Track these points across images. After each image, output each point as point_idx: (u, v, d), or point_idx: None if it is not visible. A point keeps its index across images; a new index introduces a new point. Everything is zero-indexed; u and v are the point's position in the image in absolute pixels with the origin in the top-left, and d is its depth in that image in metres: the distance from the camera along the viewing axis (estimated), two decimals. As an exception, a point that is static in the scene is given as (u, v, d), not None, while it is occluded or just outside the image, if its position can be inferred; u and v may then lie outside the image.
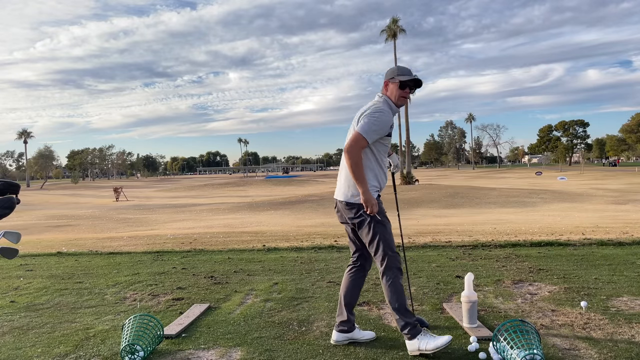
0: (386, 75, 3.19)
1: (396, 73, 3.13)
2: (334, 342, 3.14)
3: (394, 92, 3.12)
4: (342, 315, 3.18)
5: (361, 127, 2.98)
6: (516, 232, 8.87)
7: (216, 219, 18.58)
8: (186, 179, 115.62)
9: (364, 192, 2.98)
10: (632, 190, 29.36)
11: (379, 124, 2.99)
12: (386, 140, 3.11)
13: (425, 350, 2.87)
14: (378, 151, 3.10)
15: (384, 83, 3.19)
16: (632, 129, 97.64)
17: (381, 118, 3.00)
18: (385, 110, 3.05)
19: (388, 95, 3.15)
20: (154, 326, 3.13)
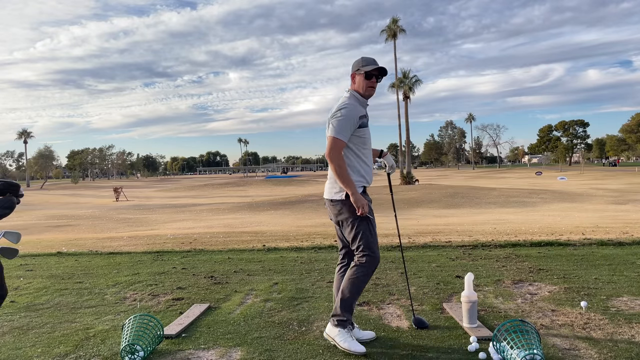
0: (352, 68, 3.21)
1: (361, 64, 3.15)
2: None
3: (361, 84, 3.14)
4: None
5: (332, 130, 3.02)
6: (516, 232, 8.87)
7: (216, 219, 18.58)
8: (186, 179, 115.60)
9: (352, 193, 3.00)
10: (632, 190, 29.36)
11: (346, 120, 3.01)
12: (361, 132, 3.10)
13: (336, 343, 3.00)
14: (356, 145, 3.11)
15: (351, 76, 3.22)
16: (632, 129, 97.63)
17: (347, 114, 3.02)
18: (350, 104, 3.07)
19: (355, 88, 3.17)
20: (154, 326, 3.13)
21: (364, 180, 3.14)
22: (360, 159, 3.13)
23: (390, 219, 16.96)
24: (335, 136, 3.00)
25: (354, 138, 3.09)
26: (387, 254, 6.21)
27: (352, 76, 3.21)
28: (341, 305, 3.08)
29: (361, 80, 3.14)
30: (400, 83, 45.87)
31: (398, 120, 46.57)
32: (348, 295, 3.08)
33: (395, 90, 46.31)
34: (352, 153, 3.11)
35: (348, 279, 3.10)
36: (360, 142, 3.12)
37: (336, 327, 3.06)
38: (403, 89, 46.02)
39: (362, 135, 3.12)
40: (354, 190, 3.01)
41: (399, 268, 5.31)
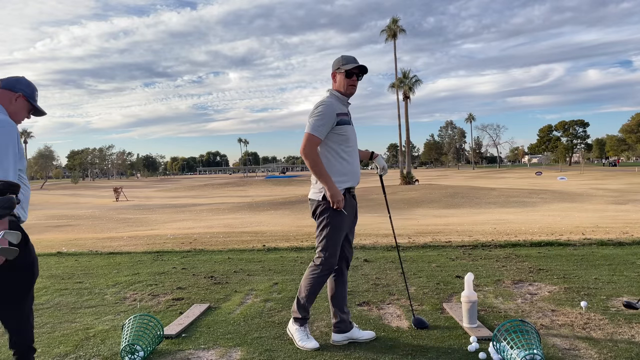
0: (332, 67, 3.21)
1: (341, 63, 3.15)
2: (333, 342, 3.15)
3: (342, 82, 3.14)
4: (335, 317, 3.21)
5: (308, 127, 3.04)
6: (516, 232, 8.87)
7: (216, 219, 18.58)
8: (186, 179, 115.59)
9: (329, 187, 3.00)
10: (632, 190, 29.36)
11: (322, 117, 3.02)
12: (341, 129, 3.09)
13: (294, 340, 3.12)
14: (336, 143, 3.10)
15: (332, 75, 3.22)
16: (632, 129, 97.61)
17: (324, 111, 3.03)
18: (328, 102, 3.08)
19: (336, 87, 3.18)
20: (154, 326, 3.13)
21: (346, 179, 3.12)
22: (341, 157, 3.11)
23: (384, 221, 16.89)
24: (310, 132, 3.01)
25: (333, 136, 3.08)
26: (387, 254, 6.21)
27: (333, 75, 3.20)
28: (296, 302, 3.19)
29: (342, 79, 3.14)
30: (400, 83, 45.87)
31: (398, 120, 46.59)
32: (303, 294, 3.16)
33: (395, 90, 46.30)
34: (333, 151, 3.10)
35: (306, 280, 3.17)
36: (341, 139, 3.11)
37: (294, 324, 3.17)
38: (403, 89, 46.01)
39: (343, 133, 3.10)
40: (331, 184, 3.01)
41: (399, 268, 5.31)
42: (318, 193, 3.09)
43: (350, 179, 3.14)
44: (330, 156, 3.10)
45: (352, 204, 3.19)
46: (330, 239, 3.08)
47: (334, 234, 3.08)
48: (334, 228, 3.07)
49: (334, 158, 3.10)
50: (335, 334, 3.17)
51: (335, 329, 3.18)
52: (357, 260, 5.84)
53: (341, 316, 3.18)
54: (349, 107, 3.26)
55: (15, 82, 2.61)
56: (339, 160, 3.10)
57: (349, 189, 3.15)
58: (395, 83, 45.90)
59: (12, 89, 2.58)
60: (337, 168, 3.09)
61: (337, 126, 3.07)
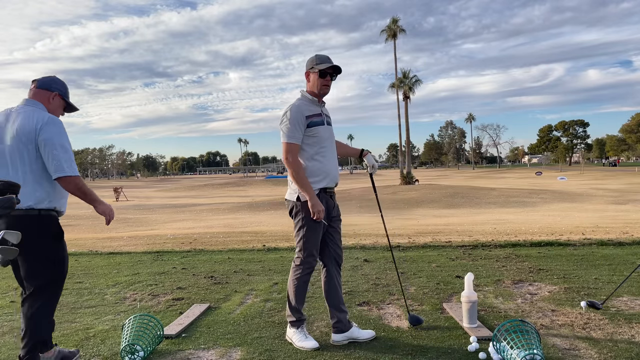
0: (306, 66, 3.20)
1: (315, 62, 3.14)
2: (333, 342, 3.16)
3: (316, 82, 3.14)
4: (332, 317, 3.22)
5: (282, 136, 3.07)
6: (516, 232, 8.87)
7: (216, 219, 18.58)
8: (186, 179, 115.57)
9: (310, 198, 3.02)
10: (632, 190, 29.35)
11: (291, 123, 3.03)
12: (311, 131, 3.09)
13: (293, 343, 3.12)
14: (308, 145, 3.10)
15: (305, 74, 3.21)
16: (632, 129, 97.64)
17: (290, 116, 3.04)
18: (293, 107, 3.08)
19: (310, 87, 3.18)
20: (154, 326, 3.12)
21: (320, 179, 3.13)
22: (314, 158, 3.12)
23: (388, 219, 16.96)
24: (286, 141, 3.04)
25: (305, 138, 3.09)
26: (387, 254, 6.20)
27: (307, 74, 3.19)
28: (288, 306, 3.23)
29: (316, 79, 3.14)
30: (400, 83, 45.87)
31: (398, 120, 46.59)
32: (291, 297, 3.20)
33: (395, 90, 46.31)
34: (305, 153, 3.11)
35: (289, 280, 3.24)
36: (313, 141, 3.11)
37: (291, 327, 3.20)
38: (403, 89, 46.02)
39: (314, 135, 3.10)
40: (312, 194, 3.03)
41: (399, 268, 5.30)
42: (294, 194, 3.12)
43: (324, 179, 3.14)
44: (303, 158, 3.11)
45: (328, 204, 3.18)
46: (307, 239, 3.11)
47: (311, 234, 3.11)
48: (310, 228, 3.10)
49: (307, 160, 3.11)
50: (334, 334, 3.18)
51: (334, 329, 3.19)
52: (357, 260, 5.84)
53: (338, 316, 3.19)
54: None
55: (50, 81, 2.77)
56: (312, 162, 3.11)
57: (325, 189, 3.16)
58: (395, 83, 45.90)
59: (49, 88, 2.75)
60: (310, 169, 3.11)
61: (307, 128, 3.08)
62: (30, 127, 2.52)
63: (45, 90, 2.73)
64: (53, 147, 2.51)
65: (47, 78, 2.79)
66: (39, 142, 2.50)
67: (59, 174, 2.51)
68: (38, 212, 2.55)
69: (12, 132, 2.54)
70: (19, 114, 2.59)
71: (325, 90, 3.17)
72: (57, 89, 2.77)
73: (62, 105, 2.82)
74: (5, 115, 2.63)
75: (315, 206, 3.02)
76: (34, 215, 2.53)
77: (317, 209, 3.02)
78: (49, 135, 2.51)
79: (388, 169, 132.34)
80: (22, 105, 2.65)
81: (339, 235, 3.30)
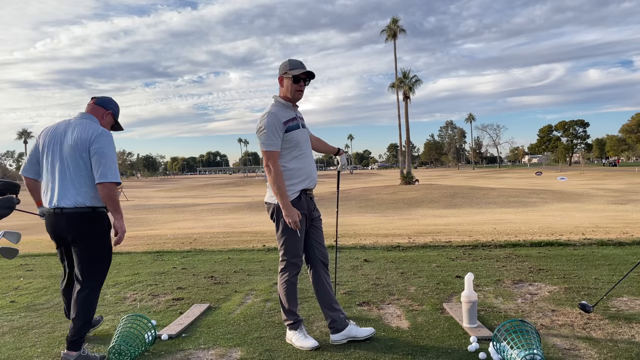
0: (279, 71, 3.20)
1: (288, 67, 3.14)
2: (333, 342, 3.16)
3: (289, 87, 3.15)
4: (327, 318, 3.23)
5: (261, 144, 3.09)
6: (516, 232, 8.87)
7: (216, 219, 18.59)
8: (186, 179, 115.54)
9: (284, 206, 3.06)
10: (632, 190, 29.36)
11: (269, 130, 3.04)
12: (288, 136, 3.12)
13: (293, 344, 3.14)
14: (286, 150, 3.13)
15: (279, 79, 3.21)
16: (632, 129, 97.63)
17: (267, 124, 3.05)
18: (269, 114, 3.08)
19: (283, 92, 3.18)
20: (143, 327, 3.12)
21: (299, 181, 3.16)
22: (293, 162, 3.15)
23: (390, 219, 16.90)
24: (265, 149, 3.06)
25: (283, 143, 3.11)
26: (387, 254, 6.21)
27: (280, 79, 3.19)
28: (282, 310, 3.27)
29: (289, 84, 3.14)
30: (400, 83, 45.86)
31: (398, 120, 46.57)
32: (283, 301, 3.24)
33: (395, 90, 46.31)
34: (284, 158, 3.13)
35: (278, 284, 3.27)
36: (291, 145, 3.14)
37: (289, 330, 3.22)
38: (403, 89, 46.01)
39: (291, 139, 3.13)
40: (287, 204, 3.06)
41: (399, 268, 5.31)
42: (273, 197, 3.14)
43: (304, 181, 3.18)
44: (283, 162, 3.13)
45: (306, 206, 3.21)
46: (290, 241, 3.17)
47: (292, 236, 3.15)
48: (291, 230, 3.13)
49: (287, 163, 3.14)
50: (333, 334, 3.18)
51: (331, 329, 3.19)
52: (357, 260, 5.84)
53: (332, 315, 3.18)
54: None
55: (108, 101, 3.23)
56: (292, 165, 3.14)
57: (305, 190, 3.20)
58: (395, 83, 45.90)
59: (105, 106, 3.19)
60: (291, 172, 3.14)
61: (285, 133, 3.10)
62: (85, 137, 2.93)
63: (102, 108, 3.16)
64: (102, 156, 2.91)
65: (105, 98, 3.23)
66: (91, 150, 2.91)
67: (102, 179, 2.89)
68: (93, 209, 2.96)
69: (71, 141, 2.94)
70: (77, 125, 2.99)
71: (298, 96, 3.19)
72: (112, 108, 3.22)
73: (111, 123, 3.26)
74: (65, 125, 3.03)
75: (290, 216, 3.06)
76: (90, 212, 2.96)
77: (292, 219, 3.06)
78: (100, 145, 2.92)
79: (388, 169, 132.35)
80: (80, 118, 3.07)
81: (321, 235, 3.35)
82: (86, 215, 2.95)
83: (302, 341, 3.11)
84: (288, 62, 3.17)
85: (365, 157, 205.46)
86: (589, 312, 3.48)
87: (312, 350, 3.05)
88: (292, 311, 3.23)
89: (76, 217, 2.93)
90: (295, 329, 3.19)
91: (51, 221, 2.96)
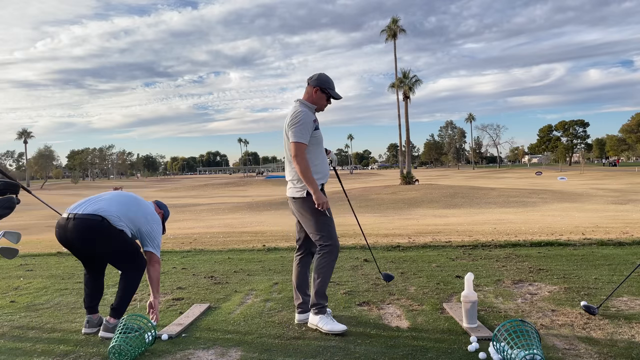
0: (314, 82, 3.49)
1: (327, 85, 3.48)
2: (297, 322, 3.53)
3: (319, 101, 3.50)
4: (299, 299, 3.58)
5: (293, 135, 3.35)
6: (516, 232, 8.87)
7: (216, 219, 18.59)
8: (186, 179, 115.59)
9: (314, 191, 3.35)
10: (632, 190, 29.37)
11: (304, 125, 3.35)
12: (316, 133, 3.46)
13: (320, 328, 3.34)
14: (313, 146, 3.44)
15: (313, 89, 3.48)
16: (632, 129, 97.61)
17: (303, 119, 3.36)
18: (304, 111, 3.41)
19: (309, 100, 3.50)
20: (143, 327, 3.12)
21: (321, 177, 3.47)
22: (316, 158, 3.46)
23: (390, 219, 16.92)
24: (297, 140, 3.34)
25: (311, 139, 3.41)
26: (387, 254, 6.21)
27: (314, 90, 3.48)
28: (316, 294, 3.43)
29: (322, 99, 3.50)
30: (400, 83, 45.88)
31: (398, 120, 46.60)
32: (320, 285, 3.43)
33: (395, 91, 46.33)
34: (310, 153, 3.42)
35: (317, 270, 3.46)
36: (316, 142, 3.47)
37: (317, 314, 3.40)
38: (403, 89, 46.03)
39: (316, 137, 3.47)
40: (316, 189, 3.36)
41: (399, 268, 5.31)
42: (301, 191, 3.44)
43: (322, 177, 3.50)
44: (310, 158, 3.42)
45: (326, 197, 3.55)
46: (328, 225, 3.45)
47: (329, 221, 3.46)
48: (327, 217, 3.44)
49: (311, 160, 3.42)
50: (298, 315, 3.55)
51: (298, 310, 3.56)
52: (357, 260, 5.84)
53: (303, 298, 3.56)
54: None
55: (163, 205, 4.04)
56: (315, 162, 3.44)
57: (322, 185, 3.51)
58: (395, 83, 45.92)
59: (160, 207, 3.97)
60: (313, 168, 3.41)
61: (313, 131, 3.43)
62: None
63: (159, 207, 4.09)
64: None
65: (163, 204, 4.17)
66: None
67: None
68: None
69: None
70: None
71: (323, 109, 3.58)
72: (167, 212, 4.17)
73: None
74: None
75: (320, 198, 3.35)
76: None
77: (322, 201, 3.36)
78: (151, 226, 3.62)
79: (388, 169, 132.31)
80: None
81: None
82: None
83: (331, 325, 3.29)
84: (327, 79, 3.51)
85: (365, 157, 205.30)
86: (594, 314, 3.47)
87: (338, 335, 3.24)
88: (325, 294, 3.45)
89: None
90: (323, 313, 3.38)
91: None
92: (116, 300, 3.42)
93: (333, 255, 3.45)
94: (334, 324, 3.29)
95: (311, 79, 3.51)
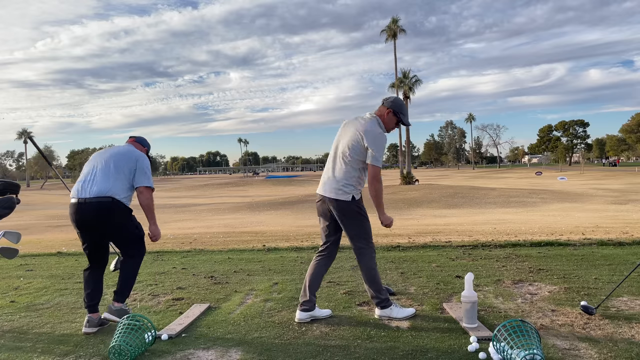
0: (389, 103, 3.60)
1: (401, 110, 3.60)
2: (298, 320, 3.53)
3: (390, 124, 3.61)
4: (305, 297, 3.60)
5: (375, 159, 3.46)
6: (516, 232, 8.87)
7: (216, 219, 18.59)
8: (186, 179, 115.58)
9: (382, 213, 3.59)
10: (632, 190, 29.36)
11: (382, 150, 3.48)
12: None
13: (393, 318, 3.52)
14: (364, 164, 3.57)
15: (386, 110, 3.58)
16: (632, 129, 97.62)
17: (384, 144, 3.50)
18: (384, 135, 3.54)
19: (383, 119, 3.58)
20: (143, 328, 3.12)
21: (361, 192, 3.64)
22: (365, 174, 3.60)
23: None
24: (378, 165, 3.48)
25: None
26: (387, 254, 6.21)
27: (387, 111, 3.58)
28: (375, 292, 3.59)
29: (392, 121, 3.61)
30: (400, 83, 45.89)
31: (398, 120, 46.53)
32: (373, 282, 3.60)
33: (395, 90, 46.31)
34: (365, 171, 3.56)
35: (365, 271, 3.61)
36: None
37: (385, 308, 3.56)
38: (403, 89, 46.04)
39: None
40: (383, 211, 3.59)
41: (399, 268, 5.31)
42: (347, 194, 3.51)
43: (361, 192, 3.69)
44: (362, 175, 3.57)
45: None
46: (368, 229, 3.61)
47: (369, 224, 3.63)
48: (367, 220, 3.61)
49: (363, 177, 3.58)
50: (301, 312, 3.55)
51: (302, 308, 3.56)
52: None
53: (311, 297, 3.58)
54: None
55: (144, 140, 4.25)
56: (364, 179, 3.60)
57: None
58: (396, 83, 45.92)
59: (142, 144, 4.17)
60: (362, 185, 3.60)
61: None
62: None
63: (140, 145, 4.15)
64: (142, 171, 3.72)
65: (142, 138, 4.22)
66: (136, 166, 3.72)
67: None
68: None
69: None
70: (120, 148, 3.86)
71: (389, 132, 3.68)
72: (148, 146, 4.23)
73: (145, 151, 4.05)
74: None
75: (387, 219, 3.62)
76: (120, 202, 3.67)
77: (390, 221, 3.63)
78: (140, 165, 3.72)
79: (388, 169, 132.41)
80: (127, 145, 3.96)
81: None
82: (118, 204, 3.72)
83: (403, 312, 3.53)
84: (402, 104, 3.64)
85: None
86: (592, 314, 3.48)
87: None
88: (381, 287, 3.61)
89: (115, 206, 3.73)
90: (391, 305, 3.56)
91: None
92: (119, 285, 3.65)
93: (373, 253, 3.63)
94: (403, 310, 3.56)
95: (386, 100, 3.62)
